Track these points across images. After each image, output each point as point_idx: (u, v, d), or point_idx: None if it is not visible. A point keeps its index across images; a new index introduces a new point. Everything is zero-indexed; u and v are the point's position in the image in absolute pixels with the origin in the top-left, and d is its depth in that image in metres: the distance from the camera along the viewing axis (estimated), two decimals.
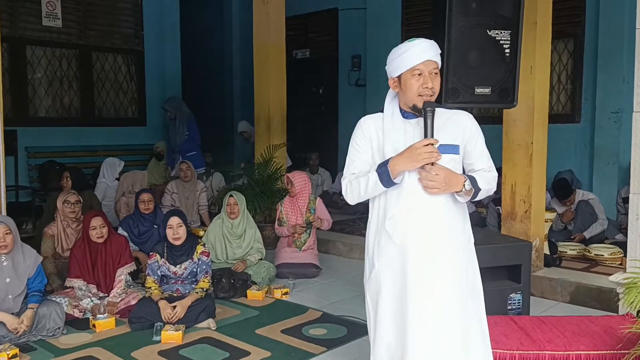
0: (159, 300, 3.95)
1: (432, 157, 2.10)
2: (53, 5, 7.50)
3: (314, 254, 5.44)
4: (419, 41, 2.20)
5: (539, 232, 4.87)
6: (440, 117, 2.23)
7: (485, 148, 2.31)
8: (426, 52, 2.17)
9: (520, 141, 4.74)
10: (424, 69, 2.17)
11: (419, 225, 2.20)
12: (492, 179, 2.27)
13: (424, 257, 2.19)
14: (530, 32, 4.53)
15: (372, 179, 2.19)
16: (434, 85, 2.17)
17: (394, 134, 2.23)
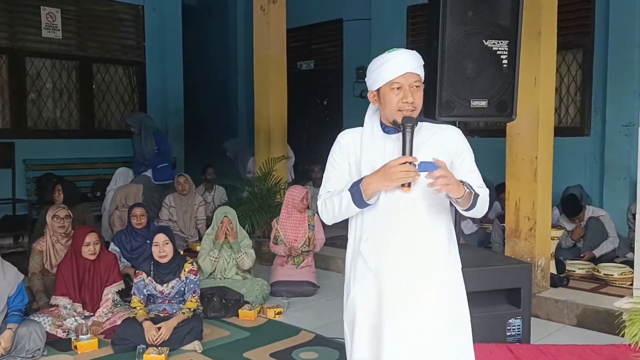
0: (143, 321, 3.78)
1: (409, 177, 1.89)
2: (53, 16, 7.45)
3: (312, 272, 5.26)
4: (399, 52, 2.03)
5: (545, 250, 4.66)
6: (424, 133, 2.07)
7: (474, 165, 2.12)
8: (406, 64, 2.00)
9: (524, 155, 4.54)
10: (404, 82, 2.00)
11: (397, 249, 2.02)
12: (485, 196, 2.08)
13: (401, 285, 2.01)
14: (534, 42, 4.36)
15: (345, 199, 2.01)
16: (415, 100, 2.00)
17: (373, 150, 2.06)
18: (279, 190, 6.42)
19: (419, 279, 2.02)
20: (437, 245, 2.06)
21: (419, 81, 2.02)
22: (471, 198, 1.98)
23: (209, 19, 10.49)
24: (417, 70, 2.02)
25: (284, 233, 5.28)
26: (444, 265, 2.07)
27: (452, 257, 2.11)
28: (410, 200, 2.01)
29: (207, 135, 10.46)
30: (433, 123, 2.17)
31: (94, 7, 7.88)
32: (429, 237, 2.04)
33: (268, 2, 6.57)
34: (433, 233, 2.05)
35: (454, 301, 2.08)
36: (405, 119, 1.97)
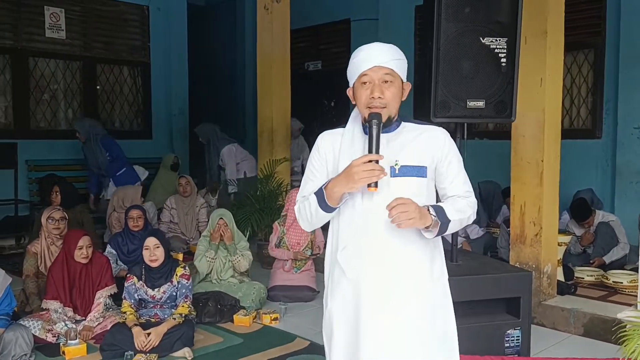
0: (133, 326, 3.69)
1: (373, 176, 1.75)
2: (57, 16, 7.41)
3: (311, 276, 5.14)
4: (370, 46, 1.92)
5: (551, 257, 4.50)
6: (407, 134, 1.94)
7: (461, 170, 1.98)
8: (375, 57, 1.87)
9: (529, 158, 4.39)
10: (373, 76, 1.87)
11: (376, 258, 1.88)
12: (467, 206, 1.93)
13: (379, 297, 1.88)
14: (540, 41, 4.21)
15: (312, 203, 1.89)
16: (384, 95, 1.86)
17: (351, 151, 1.91)
18: (281, 193, 6.31)
19: (398, 291, 1.89)
20: (417, 256, 1.92)
21: (391, 74, 1.87)
22: (438, 226, 1.84)
23: (215, 18, 10.42)
24: (389, 64, 1.87)
25: (287, 236, 5.17)
26: (424, 276, 1.93)
27: (436, 268, 1.98)
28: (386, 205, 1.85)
29: None
30: (419, 124, 2.02)
31: (99, 7, 7.84)
32: (411, 246, 1.90)
33: (272, 2, 6.47)
34: (413, 243, 1.91)
35: (437, 315, 1.95)
36: (370, 115, 1.84)
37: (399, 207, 1.74)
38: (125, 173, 6.79)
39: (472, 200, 1.95)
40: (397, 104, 1.92)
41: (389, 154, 1.88)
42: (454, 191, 1.94)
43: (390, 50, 1.91)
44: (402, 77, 1.93)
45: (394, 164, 1.89)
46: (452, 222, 1.87)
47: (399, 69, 1.90)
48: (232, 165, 7.12)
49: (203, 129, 7.48)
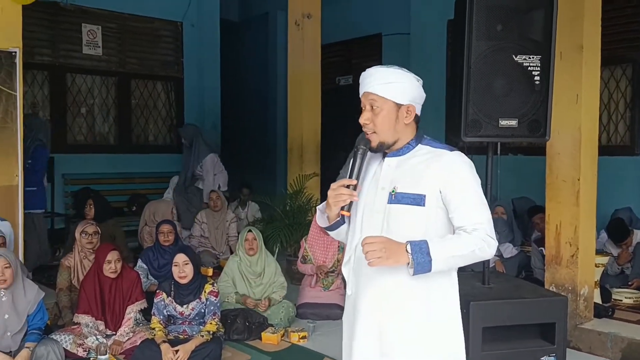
0: (161, 342, 3.71)
1: (339, 201, 1.78)
2: (94, 33, 7.59)
3: (340, 294, 5.06)
4: (365, 71, 1.94)
5: (588, 278, 4.35)
6: (417, 158, 1.88)
7: (471, 197, 1.82)
8: (363, 83, 1.92)
9: (565, 177, 4.26)
10: (364, 101, 1.92)
11: (367, 277, 1.88)
12: (470, 241, 1.76)
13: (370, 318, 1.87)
14: (576, 56, 4.10)
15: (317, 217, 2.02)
16: (373, 122, 1.87)
17: (368, 173, 1.95)
18: (310, 208, 6.28)
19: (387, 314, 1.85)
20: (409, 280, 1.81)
21: (377, 100, 1.87)
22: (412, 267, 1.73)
23: (247, 33, 10.53)
24: (375, 89, 1.87)
25: (313, 253, 5.13)
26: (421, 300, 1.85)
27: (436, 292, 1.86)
28: (385, 230, 1.83)
29: (244, 150, 10.47)
30: (435, 147, 1.92)
31: (134, 24, 8.01)
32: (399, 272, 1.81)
33: (302, 17, 6.50)
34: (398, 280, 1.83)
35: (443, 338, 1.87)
36: (359, 140, 1.88)
37: (366, 246, 1.72)
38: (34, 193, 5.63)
39: (480, 235, 1.78)
40: (389, 129, 1.87)
41: (392, 179, 1.87)
42: (458, 222, 1.81)
43: (380, 74, 1.88)
44: (395, 101, 1.87)
45: (392, 190, 1.86)
46: (436, 261, 1.73)
47: (389, 92, 1.86)
48: (212, 176, 6.92)
49: (188, 130, 7.19)
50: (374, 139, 1.87)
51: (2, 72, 4.42)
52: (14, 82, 4.48)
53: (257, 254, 4.74)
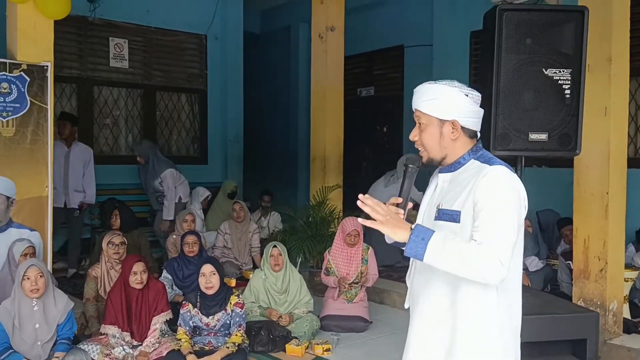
0: (187, 354, 3.74)
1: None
2: (121, 47, 7.73)
3: (364, 306, 5.06)
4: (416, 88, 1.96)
5: (617, 293, 4.28)
6: (467, 174, 1.87)
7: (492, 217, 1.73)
8: (414, 101, 1.95)
9: (593, 190, 4.22)
10: (415, 119, 1.95)
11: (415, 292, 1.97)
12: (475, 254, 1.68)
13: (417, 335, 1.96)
14: (604, 69, 4.07)
15: None
16: (419, 138, 1.91)
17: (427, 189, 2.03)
18: (333, 220, 6.29)
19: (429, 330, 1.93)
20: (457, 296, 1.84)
21: (422, 117, 1.91)
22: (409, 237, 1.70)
23: (270, 45, 10.63)
24: (420, 107, 1.91)
25: (336, 266, 5.12)
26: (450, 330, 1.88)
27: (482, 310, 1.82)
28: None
29: (266, 161, 10.53)
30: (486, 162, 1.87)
31: (160, 37, 8.13)
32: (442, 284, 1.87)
33: (326, 30, 6.55)
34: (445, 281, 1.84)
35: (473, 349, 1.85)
36: (409, 159, 1.91)
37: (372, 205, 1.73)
38: None
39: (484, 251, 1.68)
40: (435, 145, 1.89)
41: (441, 195, 1.91)
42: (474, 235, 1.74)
43: (424, 90, 1.91)
44: (439, 117, 1.87)
45: (438, 206, 1.90)
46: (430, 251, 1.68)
47: (432, 109, 1.87)
48: (173, 190, 6.78)
49: (143, 146, 7.02)
50: (424, 155, 1.92)
51: (34, 86, 4.51)
52: (45, 96, 4.57)
53: (282, 270, 4.74)
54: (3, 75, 4.38)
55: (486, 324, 1.80)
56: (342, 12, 6.64)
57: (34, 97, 4.52)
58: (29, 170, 4.52)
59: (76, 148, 6.48)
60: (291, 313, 4.66)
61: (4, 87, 4.39)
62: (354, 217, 5.43)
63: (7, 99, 4.40)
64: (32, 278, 3.59)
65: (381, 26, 9.00)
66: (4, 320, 3.56)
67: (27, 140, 4.51)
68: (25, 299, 3.61)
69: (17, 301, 3.61)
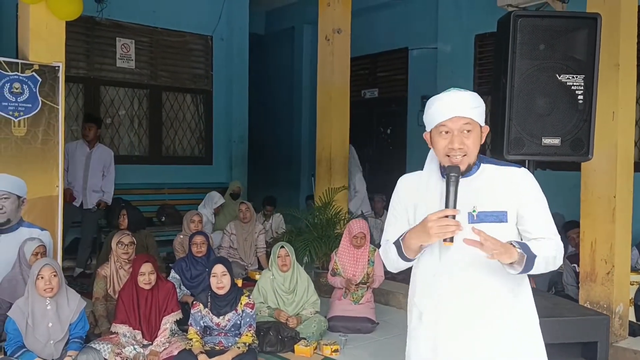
0: (199, 353, 3.76)
1: (447, 232, 1.75)
2: (127, 47, 7.76)
3: (370, 307, 5.10)
4: (449, 94, 1.90)
5: (623, 296, 4.32)
6: (487, 176, 1.92)
7: (545, 211, 1.93)
8: (454, 107, 1.87)
9: (600, 193, 4.25)
10: (452, 126, 1.87)
11: (452, 303, 1.89)
12: (552, 247, 1.88)
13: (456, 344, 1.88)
14: (612, 74, 4.11)
15: (392, 252, 1.93)
16: (465, 145, 1.87)
17: (429, 197, 1.94)
18: (339, 221, 6.32)
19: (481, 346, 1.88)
20: (497, 303, 1.90)
21: (470, 124, 1.88)
22: (525, 261, 1.79)
23: (274, 46, 10.66)
24: (468, 114, 1.88)
25: (343, 267, 5.16)
26: (507, 325, 1.91)
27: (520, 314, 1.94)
28: (467, 253, 1.85)
29: (270, 162, 10.56)
30: (498, 164, 1.99)
31: (166, 38, 8.17)
32: (486, 294, 1.89)
33: (333, 32, 6.58)
34: (492, 289, 1.90)
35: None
36: (449, 168, 1.85)
37: (487, 241, 1.73)
38: None
39: (558, 242, 1.90)
40: (477, 149, 1.93)
41: (467, 200, 1.88)
42: (536, 233, 1.89)
43: (469, 98, 1.90)
44: (480, 123, 1.93)
45: (472, 210, 1.88)
46: (538, 258, 1.82)
47: (477, 116, 1.90)
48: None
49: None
50: (464, 162, 1.88)
51: (46, 86, 4.55)
52: (56, 96, 4.61)
53: (290, 271, 4.77)
54: (15, 75, 4.41)
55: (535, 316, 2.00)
56: (349, 15, 6.67)
57: (46, 97, 4.56)
58: (40, 169, 4.56)
59: (97, 150, 6.57)
60: (299, 315, 4.69)
61: (16, 87, 4.42)
62: (360, 219, 5.46)
63: (19, 99, 4.44)
64: (46, 277, 3.62)
65: (386, 28, 9.04)
66: (17, 319, 3.59)
67: (38, 140, 4.54)
68: (39, 298, 3.64)
69: (31, 300, 3.64)
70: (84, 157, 6.40)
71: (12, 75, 4.39)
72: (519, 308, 1.96)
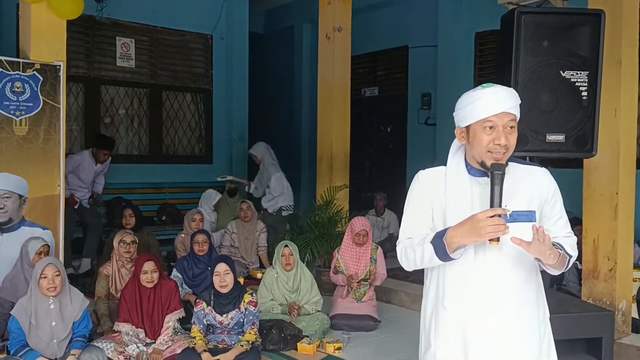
0: (202, 352, 3.76)
1: (499, 231, 1.73)
2: (127, 46, 7.75)
3: (373, 305, 5.10)
4: (495, 89, 1.86)
5: (626, 293, 4.32)
6: (513, 175, 1.90)
7: (563, 211, 1.98)
8: (502, 103, 1.84)
9: (603, 190, 4.26)
10: (498, 122, 1.84)
11: (486, 305, 1.88)
12: (574, 245, 1.96)
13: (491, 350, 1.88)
14: (614, 71, 4.11)
15: (427, 251, 1.87)
16: (509, 142, 1.85)
17: (458, 194, 1.90)
18: (340, 220, 6.32)
19: (511, 339, 1.89)
20: (528, 303, 1.93)
21: (514, 120, 1.87)
22: (565, 262, 1.84)
23: (273, 45, 10.65)
24: (513, 110, 1.87)
25: (345, 265, 5.16)
26: (534, 323, 1.94)
27: (541, 312, 1.98)
28: (502, 254, 1.86)
29: None
30: (521, 163, 2.00)
31: (166, 37, 8.16)
32: (520, 298, 1.91)
33: (333, 31, 6.58)
34: (524, 293, 1.91)
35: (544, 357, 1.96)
36: (494, 165, 1.82)
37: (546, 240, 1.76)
38: None
39: (574, 241, 1.95)
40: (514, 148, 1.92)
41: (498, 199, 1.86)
42: (557, 232, 1.91)
43: (515, 95, 1.89)
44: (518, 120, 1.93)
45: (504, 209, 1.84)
46: (573, 258, 1.89)
47: (518, 112, 1.91)
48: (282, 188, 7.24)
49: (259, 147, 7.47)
50: (504, 160, 1.86)
51: (47, 85, 4.54)
52: (57, 95, 4.60)
53: (293, 270, 4.77)
54: (16, 74, 4.41)
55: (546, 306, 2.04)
56: (349, 13, 6.67)
57: (47, 96, 4.55)
58: (42, 169, 4.55)
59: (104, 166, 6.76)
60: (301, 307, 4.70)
61: (18, 86, 4.41)
62: (362, 217, 5.46)
63: (21, 98, 4.43)
64: (49, 277, 3.61)
65: (386, 27, 9.03)
66: (20, 318, 3.59)
67: (39, 140, 4.54)
68: (42, 297, 3.64)
69: (34, 299, 3.63)
70: (92, 173, 6.61)
71: (13, 74, 4.38)
72: (543, 305, 1.99)
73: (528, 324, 1.92)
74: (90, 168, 6.55)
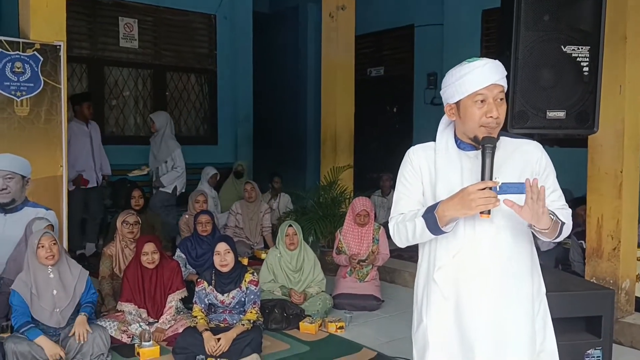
0: (203, 331, 3.78)
1: (489, 204, 1.73)
2: (130, 27, 7.71)
3: (376, 285, 5.10)
4: (482, 62, 1.85)
5: (630, 272, 4.29)
6: (504, 149, 1.90)
7: (557, 184, 1.97)
8: (491, 75, 1.83)
9: (607, 169, 4.21)
10: (489, 94, 1.83)
11: (477, 280, 1.88)
12: (570, 217, 1.93)
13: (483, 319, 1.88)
14: (619, 47, 4.04)
15: (418, 225, 1.86)
16: (500, 114, 1.84)
17: (449, 169, 1.90)
18: (344, 200, 6.31)
19: (503, 313, 1.88)
20: (520, 277, 1.91)
21: (503, 92, 1.86)
22: (557, 228, 1.82)
23: (279, 25, 10.56)
24: (502, 82, 1.86)
25: (347, 245, 5.16)
26: (528, 297, 1.93)
27: (536, 284, 1.97)
28: (492, 227, 1.86)
29: (275, 141, 10.53)
30: (512, 137, 2.00)
31: (169, 17, 8.10)
32: (512, 272, 1.90)
33: (337, 9, 6.51)
34: (516, 266, 1.90)
35: (539, 333, 1.95)
36: (485, 139, 1.81)
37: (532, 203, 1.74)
38: None
39: (569, 213, 1.94)
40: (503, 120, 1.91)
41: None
42: (550, 205, 1.88)
43: (501, 67, 1.88)
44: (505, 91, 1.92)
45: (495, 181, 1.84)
46: (566, 225, 1.86)
47: (506, 86, 1.90)
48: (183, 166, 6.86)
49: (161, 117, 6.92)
50: (495, 132, 1.86)
51: (48, 66, 4.52)
52: (58, 75, 4.58)
53: (297, 249, 4.77)
54: (17, 54, 4.39)
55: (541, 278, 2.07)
56: None
57: (48, 76, 4.53)
58: (44, 149, 4.55)
59: (92, 125, 6.48)
60: (305, 292, 4.70)
61: (18, 66, 4.40)
62: (364, 197, 5.44)
63: (21, 78, 4.42)
64: (46, 245, 3.64)
65: (391, 5, 8.92)
66: (21, 291, 3.60)
67: (41, 120, 4.53)
68: (41, 267, 3.66)
69: (33, 271, 3.65)
70: (87, 137, 6.34)
71: (13, 54, 4.37)
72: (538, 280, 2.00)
73: (521, 297, 1.90)
74: (82, 132, 6.26)
